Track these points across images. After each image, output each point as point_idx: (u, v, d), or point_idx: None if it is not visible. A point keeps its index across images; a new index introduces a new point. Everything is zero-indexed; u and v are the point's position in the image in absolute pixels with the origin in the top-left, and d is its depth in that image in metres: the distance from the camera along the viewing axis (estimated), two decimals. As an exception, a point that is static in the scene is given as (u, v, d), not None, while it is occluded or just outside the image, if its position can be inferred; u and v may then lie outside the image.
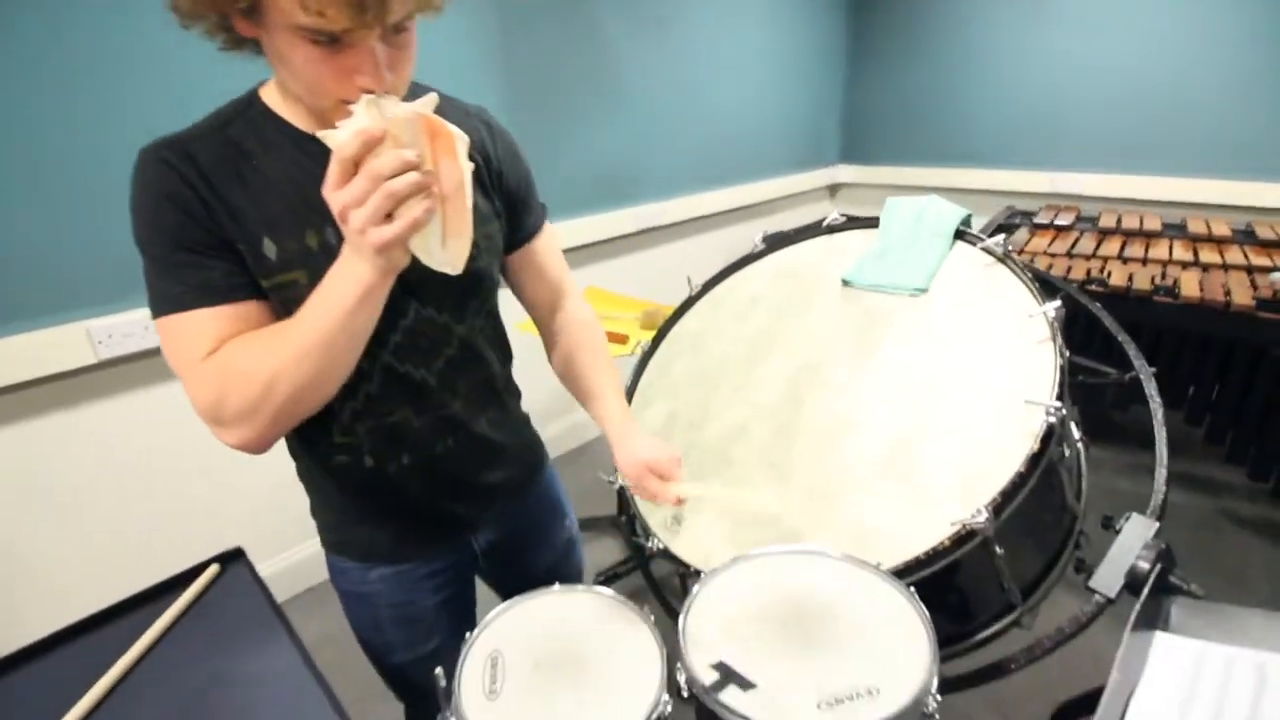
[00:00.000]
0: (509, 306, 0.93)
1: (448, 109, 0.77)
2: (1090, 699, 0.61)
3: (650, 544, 1.05)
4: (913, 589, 0.77)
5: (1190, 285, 1.70)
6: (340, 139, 0.55)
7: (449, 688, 0.69)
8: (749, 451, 1.13)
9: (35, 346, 1.38)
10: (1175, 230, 2.24)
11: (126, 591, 0.77)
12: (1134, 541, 0.88)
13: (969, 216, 1.23)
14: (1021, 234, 2.50)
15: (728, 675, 0.67)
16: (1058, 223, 2.46)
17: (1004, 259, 1.10)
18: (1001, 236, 1.12)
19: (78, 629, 0.74)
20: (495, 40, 2.05)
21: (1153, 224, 2.29)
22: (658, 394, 1.33)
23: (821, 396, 1.14)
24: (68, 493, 1.50)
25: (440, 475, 0.84)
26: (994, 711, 1.46)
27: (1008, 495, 0.84)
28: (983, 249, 1.14)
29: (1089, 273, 1.92)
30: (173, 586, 0.79)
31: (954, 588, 0.99)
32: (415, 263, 0.62)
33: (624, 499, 1.18)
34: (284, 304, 0.67)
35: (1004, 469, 0.86)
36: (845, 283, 1.27)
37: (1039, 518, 0.98)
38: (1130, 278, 1.81)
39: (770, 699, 0.64)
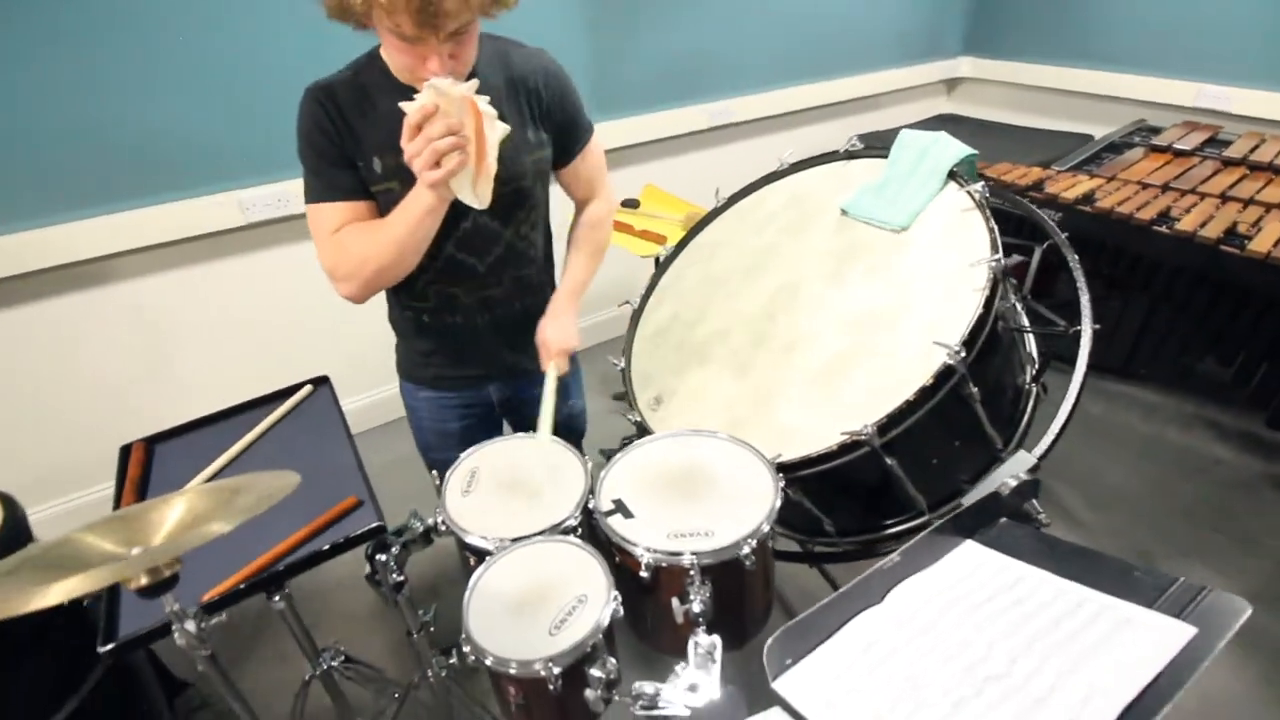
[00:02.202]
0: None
1: (514, 56, 1.04)
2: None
3: (631, 417, 1.32)
4: (781, 474, 0.98)
5: (1266, 238, 1.57)
6: (410, 110, 0.83)
7: (439, 486, 1.02)
8: (724, 352, 1.34)
9: (197, 210, 1.81)
10: (1314, 167, 1.97)
11: (253, 394, 1.16)
12: (1008, 471, 1.02)
13: (973, 157, 1.25)
14: (1133, 154, 2.29)
15: (619, 507, 0.94)
16: (1178, 146, 2.22)
17: (980, 206, 1.15)
18: (981, 184, 1.17)
19: (215, 417, 1.14)
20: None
21: (1290, 157, 2.02)
22: (668, 296, 1.53)
23: (791, 314, 1.29)
24: (215, 325, 2.00)
25: (475, 336, 1.17)
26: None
27: (894, 418, 1.00)
28: (966, 193, 1.19)
29: (1168, 210, 1.80)
30: (279, 397, 1.17)
31: (868, 487, 1.18)
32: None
33: (625, 380, 1.44)
34: (384, 204, 0.99)
35: (899, 396, 1.01)
36: (843, 212, 1.36)
37: (945, 442, 1.13)
38: (1203, 223, 1.68)
39: (638, 527, 0.90)
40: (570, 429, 1.41)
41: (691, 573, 0.85)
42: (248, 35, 1.72)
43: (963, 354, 0.99)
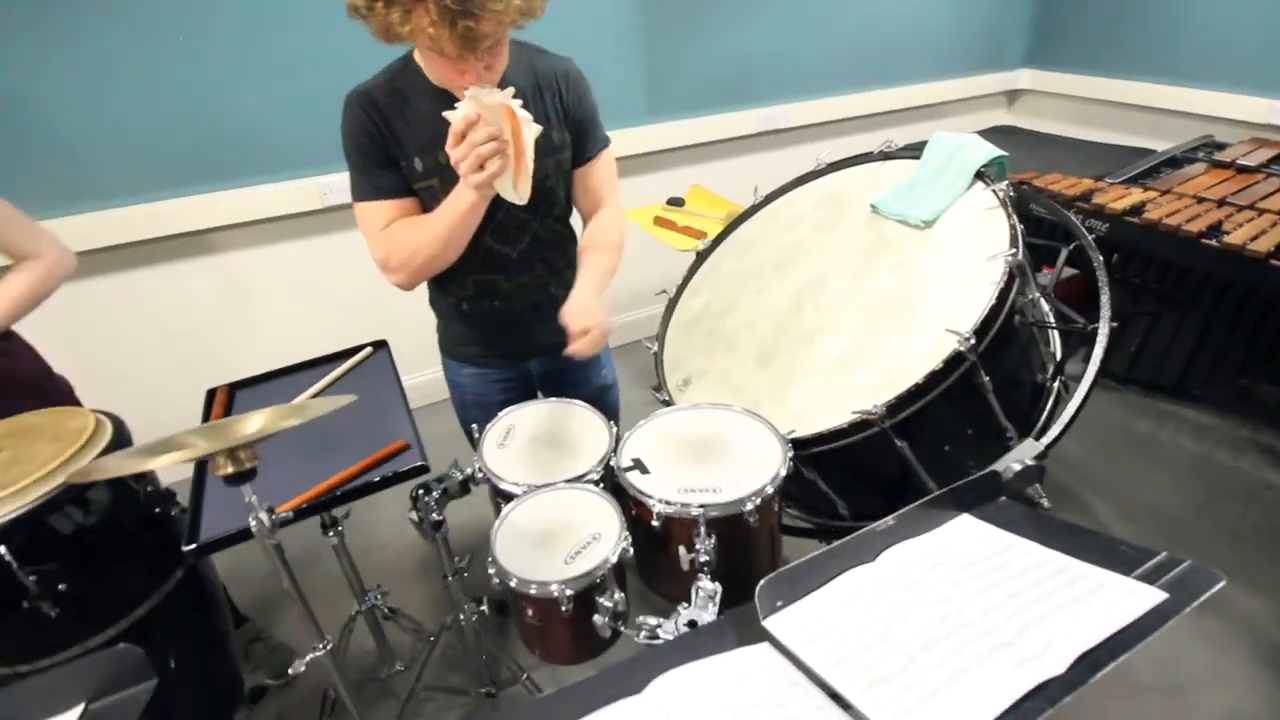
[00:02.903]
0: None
1: (539, 61, 1.12)
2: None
3: (660, 397, 1.40)
4: (794, 449, 1.04)
5: (1319, 252, 1.53)
6: (454, 119, 0.91)
7: (478, 439, 1.13)
8: (750, 340, 1.41)
9: (283, 193, 2.01)
10: (1388, 185, 1.89)
11: (325, 351, 1.31)
12: (1015, 457, 1.06)
13: (1002, 159, 1.29)
14: (1193, 169, 2.24)
15: (637, 464, 1.02)
16: (1242, 162, 2.16)
17: (1003, 204, 1.19)
18: (1005, 183, 1.20)
19: (288, 369, 1.30)
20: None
21: (1363, 175, 1.94)
22: (703, 287, 1.62)
23: (815, 307, 1.35)
24: (293, 297, 2.19)
25: (513, 319, 1.25)
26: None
27: (903, 400, 1.05)
28: (991, 192, 1.23)
29: (1219, 224, 1.76)
30: (344, 355, 1.31)
31: (882, 472, 1.23)
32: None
33: (657, 363, 1.52)
34: (427, 200, 1.08)
35: (911, 380, 1.06)
36: (874, 208, 1.41)
37: (958, 430, 1.16)
38: (1255, 237, 1.64)
39: (653, 481, 0.98)
40: (602, 405, 1.49)
41: (698, 524, 0.93)
42: (332, 36, 1.90)
43: (973, 341, 1.03)
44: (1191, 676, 1.48)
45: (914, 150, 1.44)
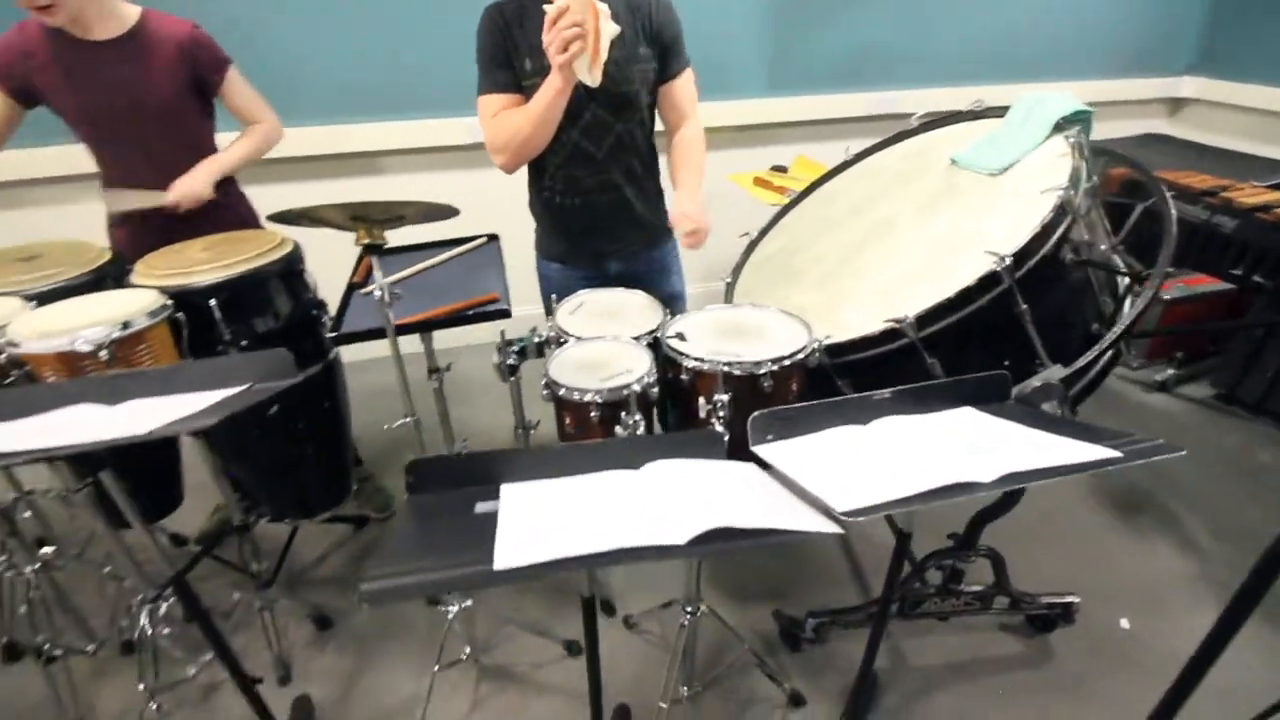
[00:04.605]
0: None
1: None
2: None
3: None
4: (827, 357, 1.16)
5: None
6: (550, 10, 1.12)
7: (554, 308, 1.34)
8: (814, 270, 1.52)
9: (436, 128, 2.38)
10: None
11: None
12: (1041, 378, 1.10)
13: (1087, 113, 1.31)
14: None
15: (680, 335, 1.19)
16: None
17: (1073, 149, 1.22)
18: (1077, 128, 1.23)
19: (421, 246, 1.59)
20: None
21: None
22: (783, 231, 1.74)
23: (880, 243, 1.44)
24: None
25: (596, 216, 1.45)
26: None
27: (932, 313, 1.13)
28: (1064, 138, 1.26)
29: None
30: (466, 240, 1.59)
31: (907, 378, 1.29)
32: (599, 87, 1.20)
33: (728, 292, 1.67)
34: (530, 95, 1.30)
35: (943, 295, 1.14)
36: (953, 161, 1.47)
37: (994, 358, 1.20)
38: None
39: (689, 346, 1.14)
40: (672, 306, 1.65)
41: (718, 379, 1.07)
42: None
43: (1009, 263, 1.09)
44: (1244, 684, 1.39)
45: (1001, 109, 1.48)
